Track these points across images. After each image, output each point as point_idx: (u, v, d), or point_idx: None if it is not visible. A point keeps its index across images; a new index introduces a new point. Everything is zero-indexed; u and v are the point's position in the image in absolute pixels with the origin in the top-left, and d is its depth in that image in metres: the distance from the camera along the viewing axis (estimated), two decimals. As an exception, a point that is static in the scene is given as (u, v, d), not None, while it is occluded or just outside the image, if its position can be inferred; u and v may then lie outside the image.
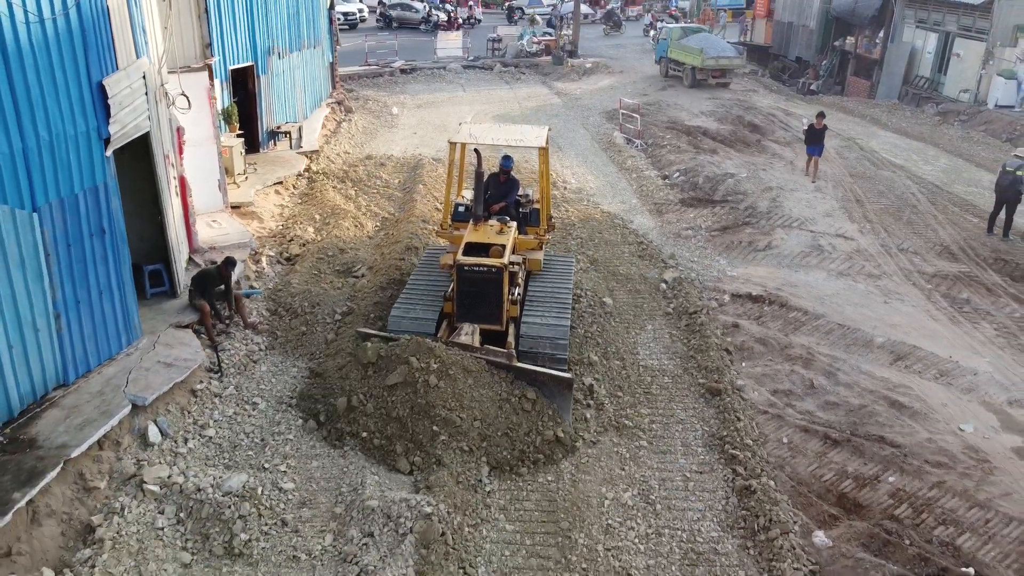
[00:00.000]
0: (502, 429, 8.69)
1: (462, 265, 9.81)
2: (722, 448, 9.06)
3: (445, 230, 11.59)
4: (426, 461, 8.36)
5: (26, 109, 7.66)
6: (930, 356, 10.56)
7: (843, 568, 7.24)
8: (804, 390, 9.99)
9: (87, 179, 8.62)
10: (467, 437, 8.51)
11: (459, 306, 10.04)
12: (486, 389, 8.91)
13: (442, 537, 7.41)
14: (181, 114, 11.75)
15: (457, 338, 9.53)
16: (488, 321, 9.98)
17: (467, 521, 7.79)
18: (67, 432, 7.99)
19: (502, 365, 9.20)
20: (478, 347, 9.38)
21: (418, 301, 10.40)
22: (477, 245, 10.17)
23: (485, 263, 9.81)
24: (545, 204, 11.59)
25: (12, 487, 7.14)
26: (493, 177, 11.60)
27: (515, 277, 10.49)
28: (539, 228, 11.53)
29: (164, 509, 7.72)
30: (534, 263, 11.20)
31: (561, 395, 9.07)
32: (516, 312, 10.25)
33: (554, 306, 10.35)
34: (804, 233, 15.01)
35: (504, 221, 10.77)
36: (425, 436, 8.49)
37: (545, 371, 9.13)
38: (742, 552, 7.61)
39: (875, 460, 8.54)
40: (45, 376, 8.46)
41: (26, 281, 7.99)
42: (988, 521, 7.56)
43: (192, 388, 9.53)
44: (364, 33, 41.43)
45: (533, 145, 11.38)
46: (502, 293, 9.92)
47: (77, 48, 8.20)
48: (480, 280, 9.83)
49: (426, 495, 7.80)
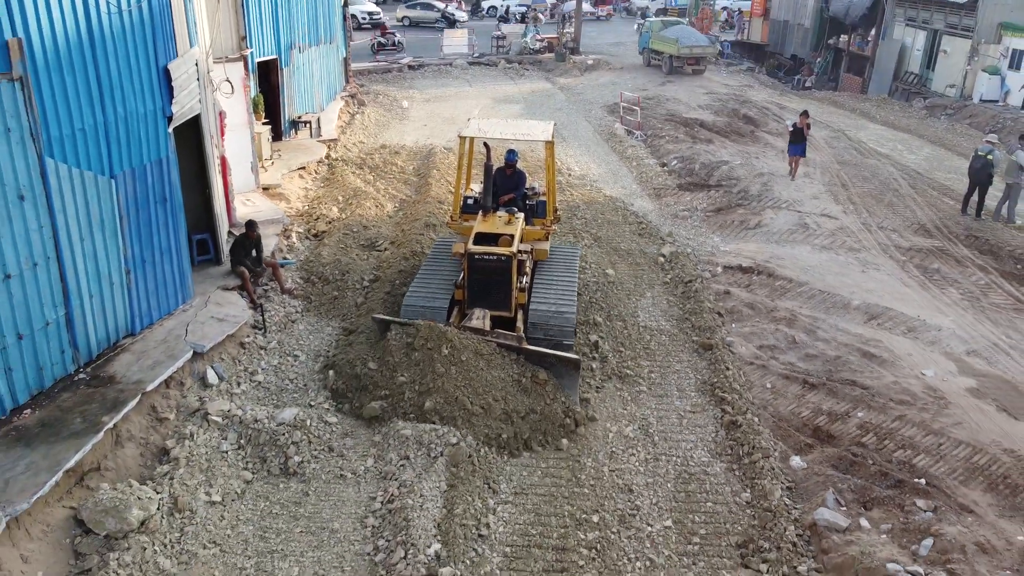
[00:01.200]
0: (512, 407, 9.10)
1: (473, 254, 10.18)
2: (712, 392, 10.22)
3: (455, 221, 11.94)
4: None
5: (107, 89, 8.83)
6: (900, 315, 11.73)
7: (815, 484, 8.40)
8: (787, 345, 11.16)
9: (153, 152, 9.78)
10: (480, 417, 8.96)
11: (470, 293, 10.42)
12: (498, 371, 9.33)
13: (469, 459, 8.56)
14: (224, 99, 12.90)
15: (469, 323, 9.88)
16: (498, 307, 10.32)
17: (489, 450, 8.93)
18: (140, 371, 9.16)
19: (512, 347, 9.53)
20: (489, 331, 9.72)
21: (430, 288, 10.76)
22: (487, 235, 10.53)
23: (495, 252, 10.17)
24: (551, 196, 11.93)
25: (100, 412, 8.31)
26: (500, 170, 11.92)
27: (523, 265, 10.77)
28: (545, 219, 11.87)
29: (227, 436, 8.89)
30: (540, 253, 11.62)
31: (569, 375, 9.44)
32: (524, 299, 10.58)
33: (560, 293, 10.71)
34: (792, 213, 16.18)
35: (512, 212, 11.22)
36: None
37: (554, 352, 9.49)
38: (728, 473, 8.78)
39: (846, 400, 9.71)
40: (117, 325, 9.62)
41: (104, 239, 9.16)
42: (941, 445, 8.72)
43: (241, 341, 10.70)
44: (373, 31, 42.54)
45: (540, 139, 11.66)
46: (511, 280, 10.29)
47: (147, 36, 9.37)
48: (490, 268, 10.20)
49: (452, 427, 8.91)
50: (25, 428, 8.00)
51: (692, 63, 32.94)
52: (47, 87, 8.02)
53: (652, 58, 34.90)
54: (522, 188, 11.97)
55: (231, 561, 7.47)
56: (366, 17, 45.12)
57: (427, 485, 8.13)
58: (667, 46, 33.09)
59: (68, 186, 8.47)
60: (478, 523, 7.86)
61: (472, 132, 11.72)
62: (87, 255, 8.92)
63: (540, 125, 12.33)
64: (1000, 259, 14.04)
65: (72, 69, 8.31)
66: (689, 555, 7.64)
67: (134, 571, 7.06)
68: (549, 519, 8.00)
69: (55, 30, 8.02)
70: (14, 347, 8.10)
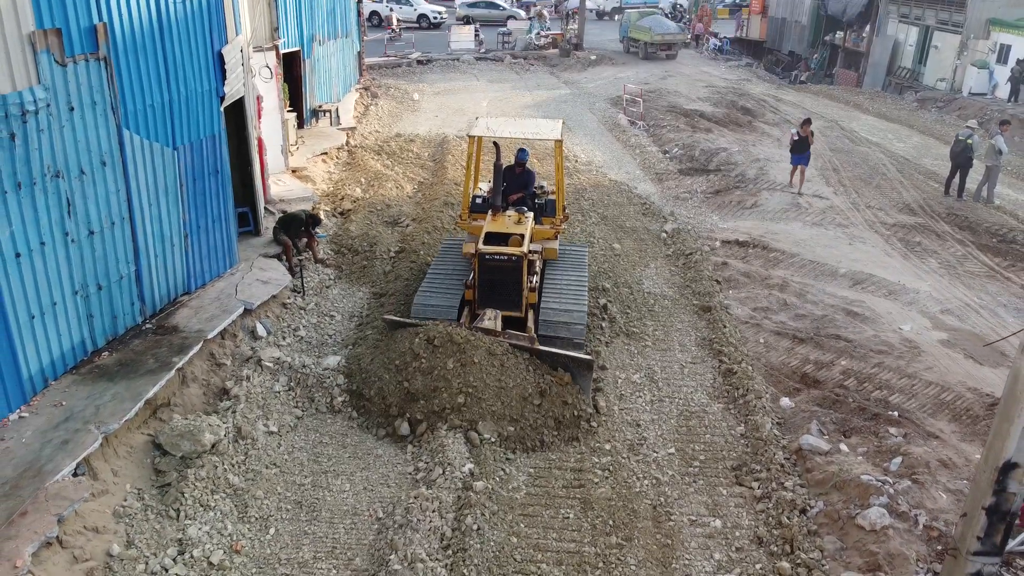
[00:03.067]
0: (526, 408, 9.10)
1: (483, 254, 10.12)
2: (711, 347, 11.32)
3: (464, 221, 11.80)
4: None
5: (172, 70, 9.92)
6: (882, 281, 12.84)
7: (801, 419, 9.49)
8: (779, 307, 12.24)
9: (207, 128, 10.87)
10: (495, 416, 8.99)
11: (480, 293, 10.34)
12: (512, 371, 9.25)
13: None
14: (263, 83, 13.99)
15: (480, 323, 9.86)
16: (508, 307, 10.27)
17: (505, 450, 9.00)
18: (199, 323, 10.26)
19: (524, 348, 9.49)
20: (500, 331, 9.69)
21: (440, 288, 10.79)
22: (497, 235, 10.49)
23: (505, 252, 10.10)
24: (560, 195, 11.84)
25: (169, 355, 9.40)
26: (509, 169, 11.85)
27: (533, 265, 10.73)
28: (555, 218, 11.77)
29: (278, 379, 9.99)
30: (550, 252, 11.60)
31: (582, 376, 9.42)
32: (534, 299, 10.56)
33: (571, 292, 10.75)
34: (785, 194, 17.28)
35: (521, 212, 11.16)
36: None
37: (567, 353, 9.48)
38: (725, 412, 9.87)
39: (831, 351, 10.80)
40: (176, 283, 10.71)
41: (168, 205, 10.25)
42: (913, 385, 9.82)
43: (283, 302, 11.79)
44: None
45: (549, 138, 11.61)
46: (522, 280, 10.25)
47: (205, 23, 10.46)
48: (500, 268, 10.15)
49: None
50: (106, 367, 9.09)
51: (664, 48, 37.91)
52: (125, 67, 9.11)
53: (631, 45, 39.44)
54: (531, 187, 11.98)
55: (290, 479, 8.56)
56: (437, 16, 46.44)
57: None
58: (642, 34, 38.11)
59: (140, 155, 9.56)
60: (504, 450, 8.94)
61: (480, 131, 11.51)
62: (153, 218, 10.01)
63: (549, 124, 12.25)
64: (977, 234, 15.15)
65: (145, 51, 9.40)
66: (690, 475, 8.73)
67: (208, 484, 8.14)
68: (566, 449, 9.08)
69: (132, 16, 9.11)
70: (95, 296, 9.18)
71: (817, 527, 7.82)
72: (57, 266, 8.51)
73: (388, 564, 7.16)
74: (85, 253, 8.93)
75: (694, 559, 7.56)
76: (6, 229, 7.74)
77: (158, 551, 7.31)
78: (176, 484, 8.07)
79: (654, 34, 37.57)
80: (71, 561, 6.75)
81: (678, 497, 8.37)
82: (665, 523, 7.99)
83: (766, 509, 8.16)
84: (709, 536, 7.86)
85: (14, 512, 6.76)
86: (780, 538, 7.75)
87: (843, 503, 7.89)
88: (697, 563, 7.52)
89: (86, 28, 8.46)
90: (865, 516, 7.55)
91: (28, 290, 8.14)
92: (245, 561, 7.39)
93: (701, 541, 7.80)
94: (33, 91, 7.85)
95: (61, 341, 8.71)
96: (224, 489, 8.19)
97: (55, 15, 8.06)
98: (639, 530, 7.84)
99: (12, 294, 7.92)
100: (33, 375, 8.34)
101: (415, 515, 7.70)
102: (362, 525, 7.93)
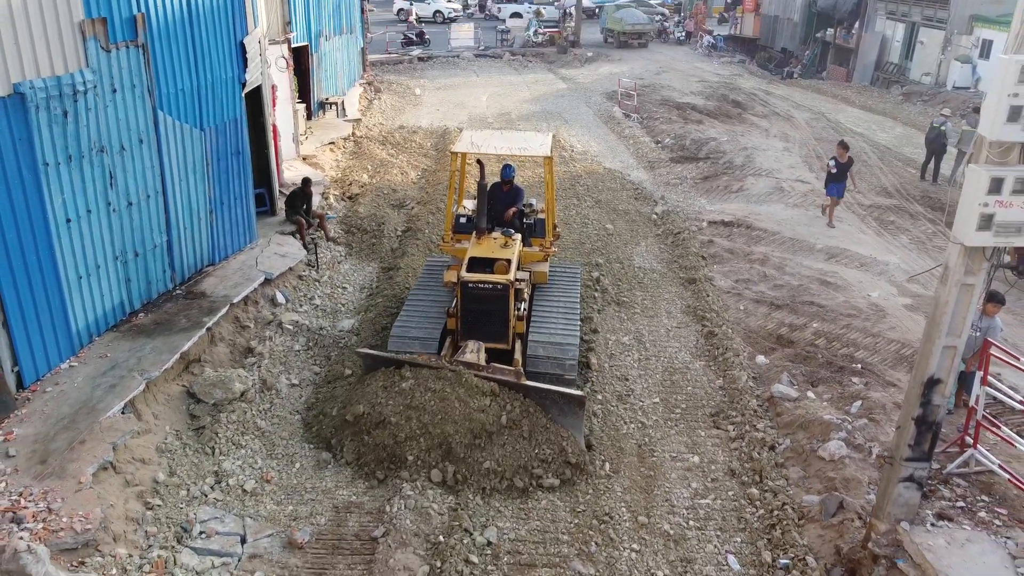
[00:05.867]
0: (509, 456, 8.28)
1: (466, 282, 9.33)
2: (695, 313, 12.26)
3: (447, 243, 11.01)
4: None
5: (201, 57, 10.86)
6: (856, 255, 13.79)
7: (774, 373, 10.43)
8: (759, 278, 13.18)
9: (230, 112, 11.81)
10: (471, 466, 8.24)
11: (463, 324, 9.57)
12: (493, 410, 8.42)
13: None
14: (279, 72, 14.93)
15: (462, 356, 9.08)
16: (494, 339, 9.49)
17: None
18: (224, 289, 11.19)
19: (510, 384, 8.64)
20: (484, 365, 8.91)
21: (420, 317, 10.06)
22: (481, 260, 9.66)
23: (490, 279, 9.32)
24: (550, 214, 11.06)
25: (199, 316, 10.33)
26: (496, 187, 11.15)
27: (521, 293, 9.90)
28: (544, 240, 11.01)
29: (298, 339, 10.93)
30: (540, 276, 10.79)
31: (572, 413, 8.56)
32: (523, 328, 9.79)
33: (561, 322, 9.95)
34: (770, 179, 18.24)
35: (508, 234, 10.27)
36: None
37: (556, 389, 8.61)
38: (706, 368, 10.82)
39: (804, 315, 11.74)
40: (202, 254, 11.65)
41: (196, 182, 11.19)
42: (876, 343, 10.75)
43: (299, 275, 12.72)
44: (385, 24, 44.54)
45: (538, 154, 10.75)
46: (508, 310, 9.46)
47: (230, 15, 11.41)
48: (485, 297, 9.35)
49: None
50: (143, 326, 10.02)
51: (635, 37, 41.53)
52: (159, 53, 10.05)
53: (608, 35, 42.93)
54: (521, 202, 11.10)
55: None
56: (452, 12, 48.58)
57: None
58: (616, 24, 41.75)
59: (172, 135, 10.50)
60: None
61: (464, 147, 10.74)
62: (183, 193, 10.95)
63: (538, 138, 11.39)
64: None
65: (176, 40, 10.34)
66: (672, 420, 9.67)
67: (239, 427, 9.08)
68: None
69: (166, 7, 10.05)
70: (132, 262, 10.12)
71: (784, 460, 8.76)
72: (101, 233, 9.45)
73: (401, 491, 8.06)
74: (124, 222, 9.86)
75: (674, 487, 8.50)
76: (59, 196, 8.68)
77: (197, 480, 8.24)
78: (210, 426, 9.00)
79: (625, 24, 41.29)
80: (124, 484, 7.67)
81: (661, 438, 9.32)
82: (648, 459, 8.93)
83: (739, 447, 9.11)
84: (688, 469, 8.80)
85: (74, 441, 7.70)
86: (751, 470, 8.69)
87: (807, 439, 8.83)
88: (676, 491, 8.45)
89: (127, 18, 9.40)
90: (825, 448, 8.49)
91: (76, 253, 9.07)
92: (275, 489, 8.33)
93: (680, 473, 8.73)
94: (83, 73, 8.79)
95: (104, 301, 9.65)
96: (253, 431, 9.13)
97: (101, 6, 9.00)
98: (625, 464, 8.78)
99: (63, 255, 8.85)
100: (80, 330, 9.27)
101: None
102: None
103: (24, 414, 8.07)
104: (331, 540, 7.63)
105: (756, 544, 7.69)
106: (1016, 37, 5.28)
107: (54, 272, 8.73)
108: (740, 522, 8.00)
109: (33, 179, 8.28)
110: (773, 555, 7.52)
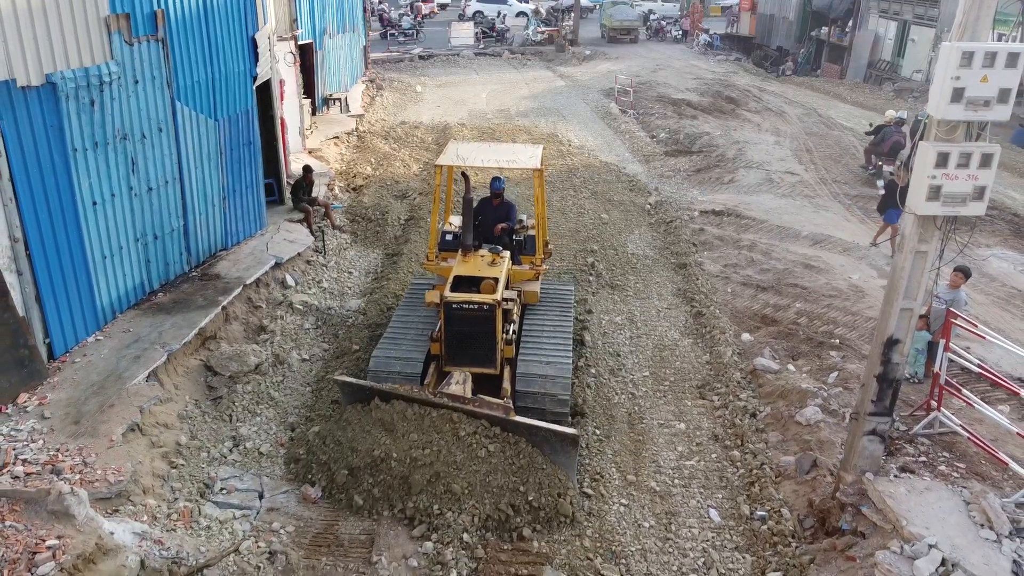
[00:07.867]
0: (496, 498, 7.69)
1: (450, 303, 8.73)
2: (685, 295, 12.88)
3: (431, 261, 10.54)
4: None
5: (215, 51, 11.47)
6: (839, 241, 14.41)
7: (758, 349, 11.04)
8: (746, 263, 13.79)
9: (242, 104, 12.42)
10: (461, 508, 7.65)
11: (448, 348, 8.98)
12: (479, 449, 7.87)
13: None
14: (287, 67, 15.53)
15: (447, 387, 8.55)
16: (481, 364, 8.98)
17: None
18: (237, 272, 11.80)
19: (498, 420, 8.02)
20: (471, 398, 8.36)
21: (402, 342, 9.47)
22: (467, 279, 9.13)
23: (476, 300, 8.73)
24: (541, 230, 10.63)
25: (215, 295, 10.94)
26: (484, 202, 10.78)
27: (510, 314, 9.30)
28: (535, 257, 10.57)
29: (307, 319, 11.55)
30: (530, 295, 10.27)
31: (565, 452, 7.94)
32: (512, 352, 9.20)
33: (553, 348, 9.35)
34: (760, 171, 18.85)
35: (496, 251, 9.77)
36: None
37: (547, 427, 7.93)
38: (694, 345, 11.43)
39: (788, 296, 12.35)
40: (216, 239, 12.25)
41: (210, 170, 11.79)
42: (855, 320, 11.37)
43: (307, 260, 13.32)
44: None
45: (527, 166, 10.32)
46: (495, 333, 8.86)
47: (242, 11, 12.02)
48: (471, 319, 8.76)
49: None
50: (162, 304, 10.63)
51: (624, 33, 44.01)
52: (177, 47, 10.65)
53: (602, 31, 45.22)
54: (513, 221, 10.64)
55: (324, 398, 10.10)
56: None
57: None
58: (608, 20, 44.58)
59: (189, 124, 11.11)
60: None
61: (450, 160, 10.33)
62: (198, 180, 11.55)
63: (527, 149, 10.99)
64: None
65: (193, 34, 10.95)
66: (661, 392, 10.28)
67: (254, 397, 9.70)
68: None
69: (184, 4, 10.66)
70: (152, 244, 10.73)
71: (764, 426, 9.37)
72: (123, 216, 10.05)
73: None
74: (145, 206, 10.47)
75: (660, 450, 9.11)
76: (86, 180, 9.29)
77: (216, 443, 8.85)
78: (227, 396, 9.61)
79: (614, 20, 43.99)
80: (150, 445, 8.28)
81: (650, 407, 9.93)
82: (638, 425, 9.55)
83: (723, 415, 9.73)
84: (674, 435, 9.41)
85: (104, 404, 8.31)
86: (733, 435, 9.31)
87: (786, 407, 9.44)
88: (663, 454, 9.07)
89: (148, 13, 10.01)
90: (802, 414, 9.10)
91: (102, 234, 9.68)
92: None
93: (667, 438, 9.34)
94: (108, 65, 9.40)
95: (125, 280, 10.25)
96: (267, 401, 9.75)
97: (124, 2, 9.61)
98: (615, 430, 9.39)
99: (90, 236, 9.46)
100: (104, 306, 9.88)
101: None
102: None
103: (56, 381, 8.68)
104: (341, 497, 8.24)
105: (736, 500, 8.31)
106: (959, 27, 5.88)
107: (81, 251, 9.34)
108: (722, 480, 8.61)
109: (63, 164, 8.89)
110: (751, 508, 8.14)
